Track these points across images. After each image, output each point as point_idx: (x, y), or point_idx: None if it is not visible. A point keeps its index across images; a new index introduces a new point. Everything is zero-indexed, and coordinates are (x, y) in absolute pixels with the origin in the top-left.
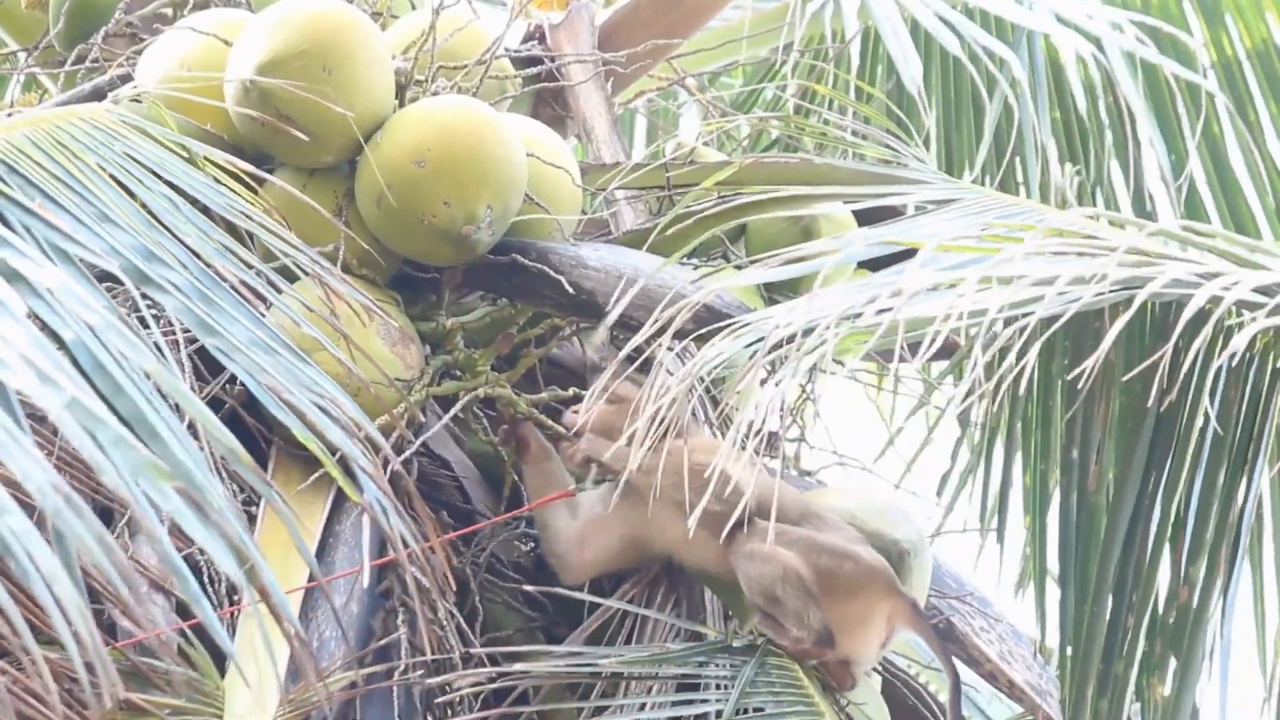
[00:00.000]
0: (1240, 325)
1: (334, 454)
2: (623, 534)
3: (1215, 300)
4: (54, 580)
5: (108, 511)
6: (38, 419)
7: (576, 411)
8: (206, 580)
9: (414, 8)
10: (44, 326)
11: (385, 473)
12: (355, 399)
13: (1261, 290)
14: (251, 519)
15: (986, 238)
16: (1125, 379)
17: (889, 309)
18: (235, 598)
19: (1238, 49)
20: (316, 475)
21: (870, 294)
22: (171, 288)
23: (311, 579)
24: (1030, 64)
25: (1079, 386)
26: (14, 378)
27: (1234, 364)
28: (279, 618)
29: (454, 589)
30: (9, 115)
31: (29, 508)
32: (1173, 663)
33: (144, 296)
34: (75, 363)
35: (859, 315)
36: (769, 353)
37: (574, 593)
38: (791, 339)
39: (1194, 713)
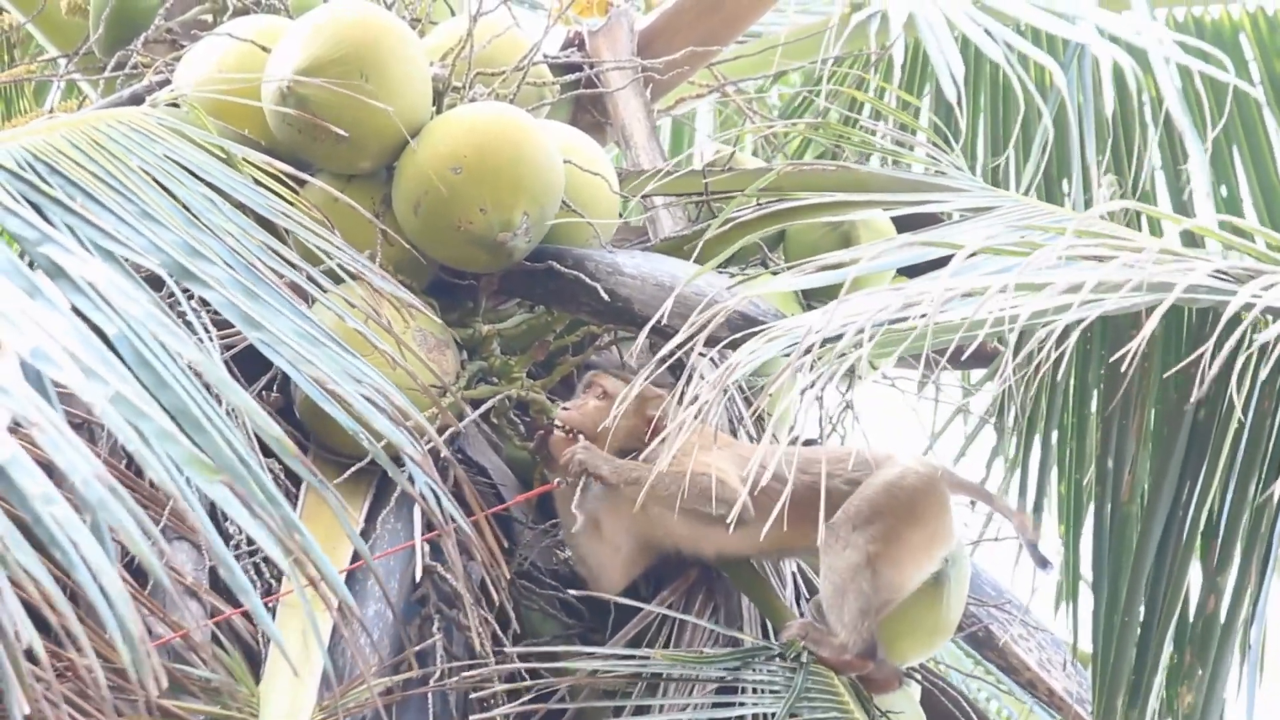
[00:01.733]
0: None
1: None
2: (637, 538)
3: (1249, 306)
4: (100, 572)
5: None
6: (77, 425)
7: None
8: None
9: (452, 14)
10: (88, 322)
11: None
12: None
13: None
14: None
15: (1023, 243)
16: (1160, 389)
17: (923, 315)
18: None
19: None
20: (355, 468)
21: (904, 299)
22: (215, 282)
23: (354, 574)
24: (1079, 80)
25: (1114, 395)
26: (59, 372)
27: (1269, 376)
28: (328, 598)
29: (507, 579)
30: (49, 119)
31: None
32: (1200, 672)
33: (186, 293)
34: (119, 357)
35: (894, 321)
36: (803, 355)
37: (612, 597)
38: (826, 343)
39: None
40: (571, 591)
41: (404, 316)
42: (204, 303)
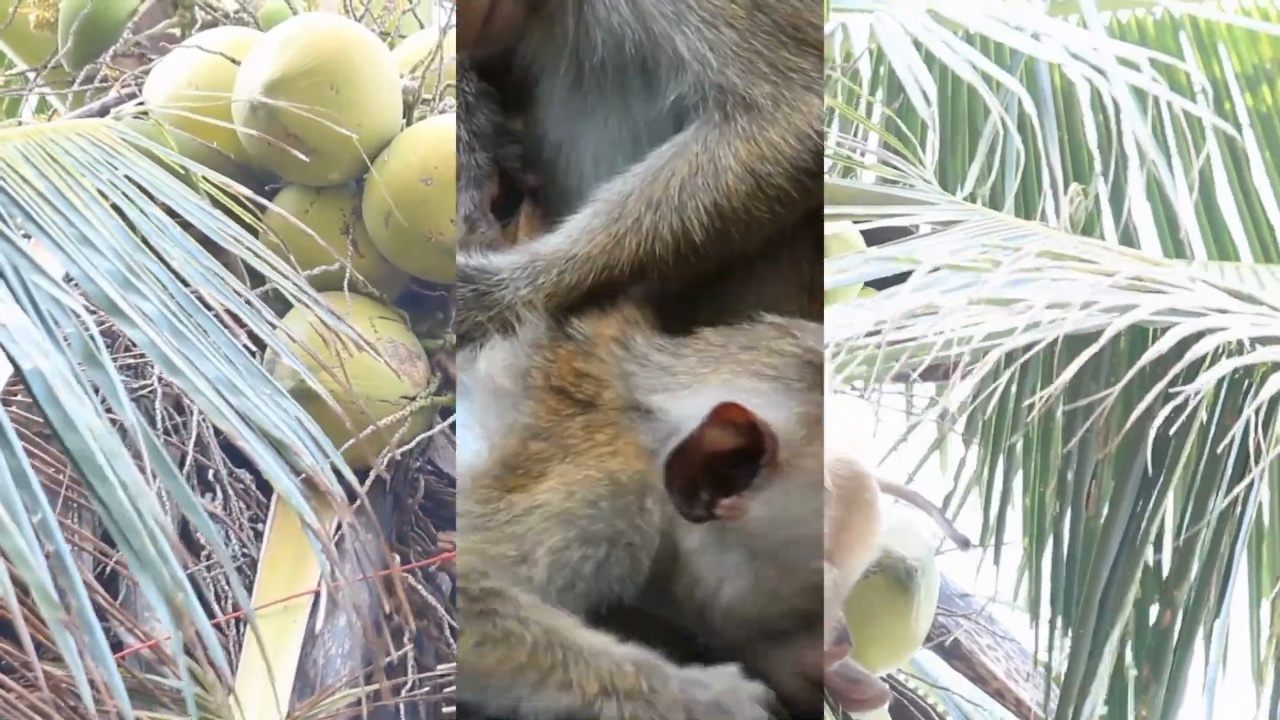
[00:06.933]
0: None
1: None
2: None
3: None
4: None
5: None
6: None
7: None
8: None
9: (422, 26)
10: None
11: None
12: (358, 417)
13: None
14: (258, 535)
15: (985, 259)
16: (1123, 398)
17: (883, 331)
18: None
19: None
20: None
21: (873, 319)
22: (142, 320)
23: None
24: (1035, 91)
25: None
26: None
27: (1231, 390)
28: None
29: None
30: (3, 128)
31: None
32: (1154, 687)
33: (104, 332)
34: (30, 391)
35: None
36: None
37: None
38: None
39: None
40: None
41: (349, 350)
42: None
